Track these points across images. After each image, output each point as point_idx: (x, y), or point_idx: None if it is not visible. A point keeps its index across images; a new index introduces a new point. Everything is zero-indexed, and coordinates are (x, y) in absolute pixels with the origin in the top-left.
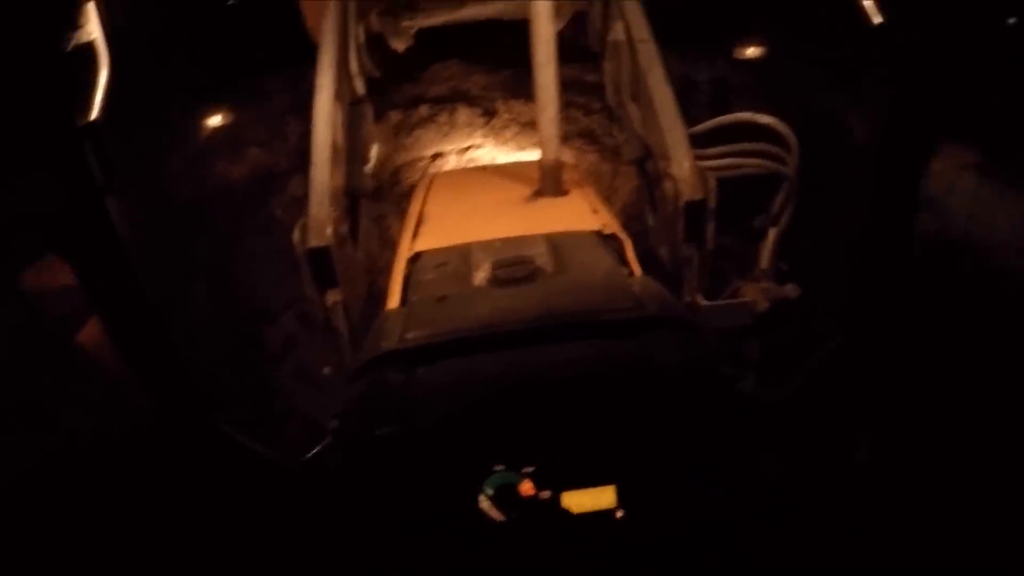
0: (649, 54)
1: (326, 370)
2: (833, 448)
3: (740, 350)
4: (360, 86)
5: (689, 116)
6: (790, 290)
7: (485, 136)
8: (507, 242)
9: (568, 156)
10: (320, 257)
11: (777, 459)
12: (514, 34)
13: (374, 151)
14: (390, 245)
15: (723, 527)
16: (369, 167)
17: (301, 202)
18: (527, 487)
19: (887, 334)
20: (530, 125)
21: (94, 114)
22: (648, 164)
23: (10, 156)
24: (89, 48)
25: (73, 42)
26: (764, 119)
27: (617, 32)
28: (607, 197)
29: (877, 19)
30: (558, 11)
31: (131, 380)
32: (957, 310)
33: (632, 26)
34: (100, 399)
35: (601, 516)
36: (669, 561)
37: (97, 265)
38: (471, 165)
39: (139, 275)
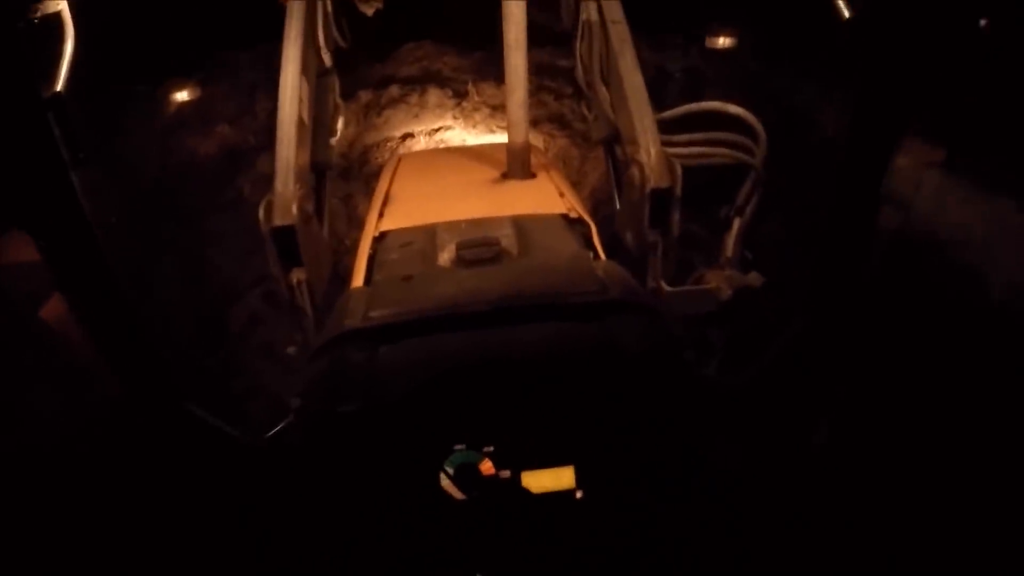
0: (621, 37)
1: (290, 349)
2: (792, 433)
3: (703, 337)
4: (327, 58)
5: (660, 104)
6: (753, 279)
7: (455, 118)
8: (473, 223)
9: (538, 140)
10: (285, 235)
11: (735, 444)
12: (487, 15)
13: (340, 124)
14: (357, 224)
15: (681, 512)
16: (334, 140)
17: (269, 180)
18: (487, 466)
19: (846, 324)
20: (500, 108)
21: (59, 86)
22: (616, 145)
23: None
24: (55, 19)
25: (39, 12)
26: (733, 109)
27: (590, 12)
28: (576, 182)
29: (846, 13)
30: None
31: (95, 357)
32: (918, 305)
33: (605, 7)
34: (64, 376)
35: (560, 496)
36: (627, 543)
37: (62, 241)
38: (441, 146)
39: (105, 251)
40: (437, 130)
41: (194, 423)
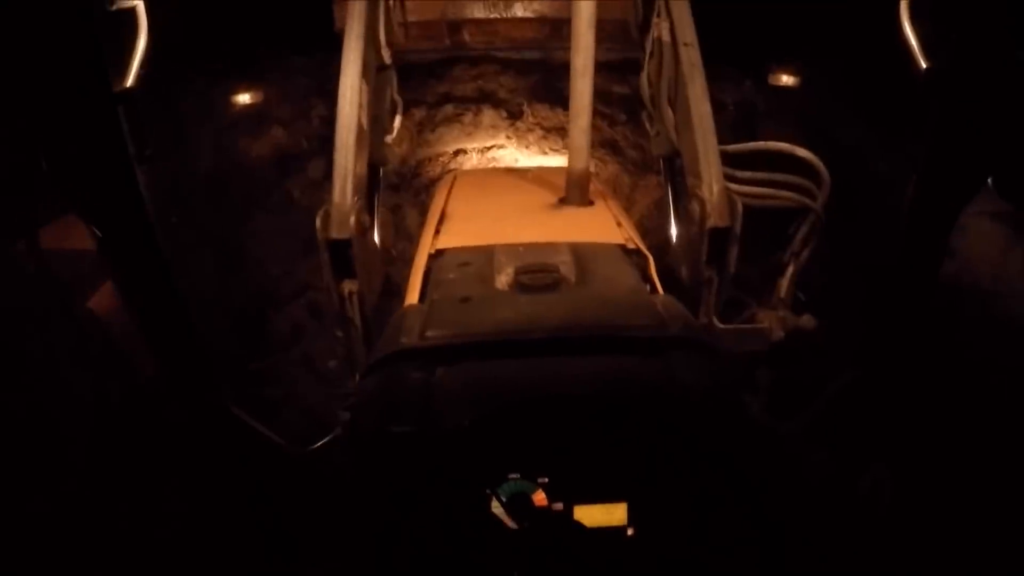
0: (692, 61)
1: (332, 363)
2: (841, 482)
3: (751, 376)
4: (387, 55)
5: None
6: (806, 321)
7: (508, 137)
8: (531, 248)
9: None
10: (341, 248)
11: (786, 489)
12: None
13: (397, 121)
14: (404, 235)
15: (731, 556)
16: (390, 138)
17: (318, 185)
18: (540, 497)
19: (902, 374)
20: (554, 130)
21: (130, 81)
22: (676, 162)
23: (43, 116)
24: (130, 13)
25: (115, 5)
26: (802, 153)
27: (662, 30)
28: (624, 208)
29: (923, 64)
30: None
31: (139, 351)
32: (964, 354)
33: (677, 27)
34: (101, 363)
35: (612, 532)
36: None
37: (121, 234)
38: (493, 164)
39: (161, 246)
40: (489, 148)
41: (238, 426)
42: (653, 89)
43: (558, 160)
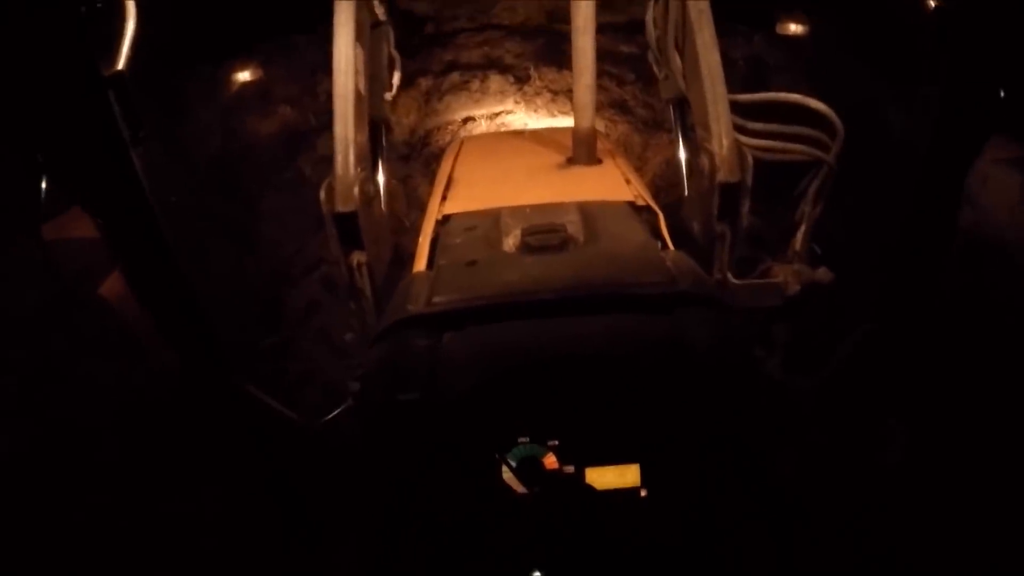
0: (700, 8)
1: (348, 335)
2: (859, 443)
3: (768, 332)
4: (380, 11)
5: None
6: (822, 274)
7: (517, 102)
8: (538, 209)
9: (599, 126)
10: (347, 221)
11: (798, 449)
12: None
13: (396, 77)
14: (417, 206)
15: (743, 512)
16: (390, 95)
17: (329, 161)
18: (551, 460)
19: (919, 327)
20: (563, 92)
21: (120, 64)
22: (687, 107)
23: (34, 107)
24: None
25: None
26: (815, 104)
27: None
28: (636, 168)
29: (932, 2)
30: None
31: (153, 336)
32: (984, 306)
33: None
34: (119, 350)
35: (625, 494)
36: (691, 543)
37: (122, 219)
38: (502, 130)
39: (164, 230)
40: (498, 114)
41: (252, 403)
42: (659, 32)
43: (567, 122)
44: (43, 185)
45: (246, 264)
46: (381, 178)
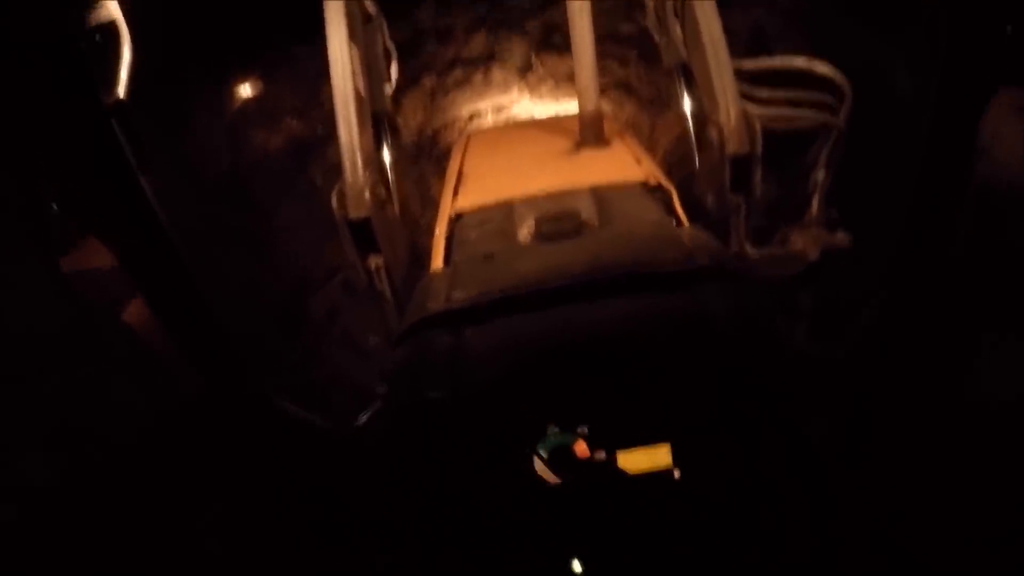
0: None
1: (372, 338)
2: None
3: (791, 301)
4: (371, 6)
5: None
6: (841, 238)
7: (521, 92)
8: (550, 197)
9: (605, 108)
10: (361, 227)
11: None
12: None
13: (394, 69)
14: (430, 204)
15: (776, 488)
16: (391, 88)
17: (339, 169)
18: (582, 448)
19: (936, 292)
20: (566, 79)
21: (121, 93)
22: (689, 73)
23: (40, 143)
24: (110, 26)
25: (93, 22)
26: (821, 68)
27: None
28: (646, 148)
29: None
30: None
31: (177, 357)
32: (1003, 258)
33: None
34: (147, 374)
35: (658, 477)
36: (726, 522)
37: (136, 246)
38: (509, 122)
39: (181, 252)
40: (504, 106)
41: (284, 419)
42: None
43: (573, 108)
44: (53, 217)
45: (265, 276)
46: (391, 177)
